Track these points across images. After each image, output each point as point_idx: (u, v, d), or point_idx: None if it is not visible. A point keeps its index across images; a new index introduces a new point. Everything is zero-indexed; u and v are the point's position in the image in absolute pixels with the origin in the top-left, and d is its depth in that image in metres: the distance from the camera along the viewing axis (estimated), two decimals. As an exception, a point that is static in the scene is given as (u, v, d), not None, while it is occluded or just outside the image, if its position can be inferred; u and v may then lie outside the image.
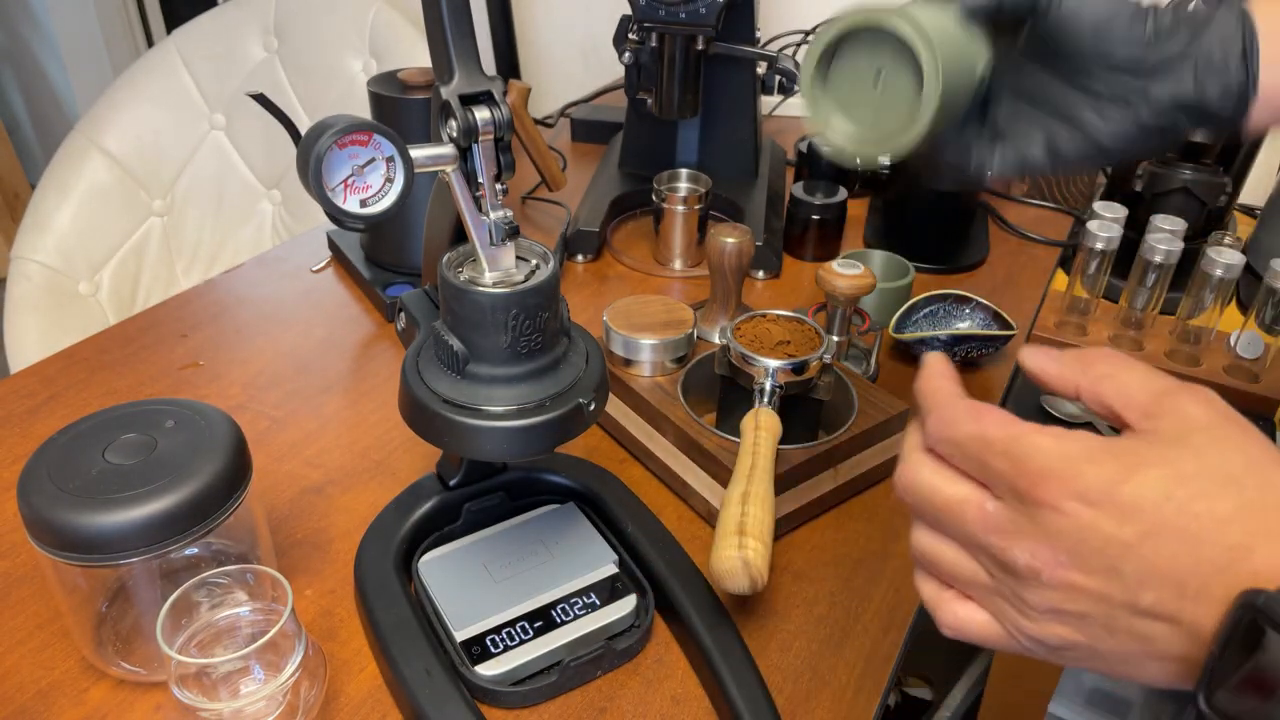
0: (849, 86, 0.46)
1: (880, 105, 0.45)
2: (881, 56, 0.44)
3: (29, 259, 1.16)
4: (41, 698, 0.46)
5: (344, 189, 0.35)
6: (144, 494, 0.41)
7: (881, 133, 0.45)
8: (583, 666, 0.46)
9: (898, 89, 0.44)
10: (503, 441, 0.40)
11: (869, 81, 0.45)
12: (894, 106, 0.44)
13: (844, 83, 0.46)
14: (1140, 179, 0.82)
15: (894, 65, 0.43)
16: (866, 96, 0.45)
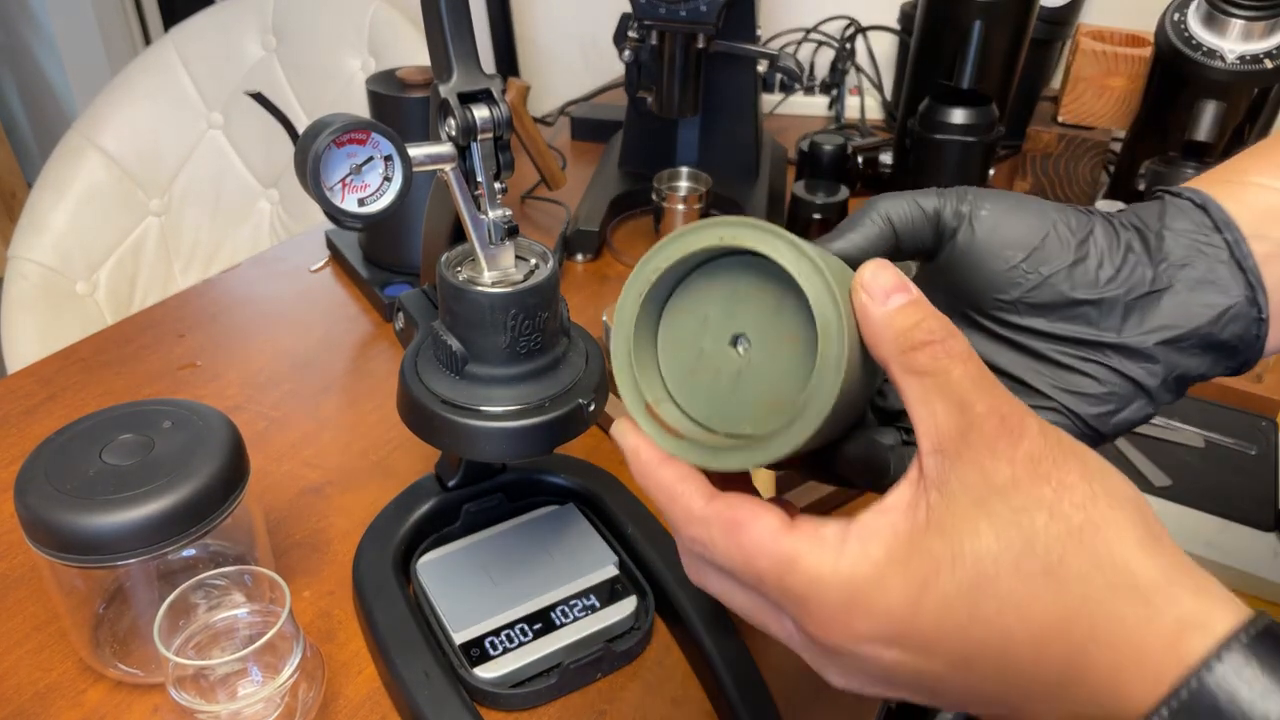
0: (687, 352, 0.29)
1: (739, 387, 0.28)
2: (745, 305, 0.28)
3: (26, 258, 1.16)
4: (39, 699, 0.45)
5: (342, 188, 0.35)
6: (141, 495, 0.41)
7: (741, 431, 0.28)
8: (582, 669, 0.46)
9: (772, 360, 0.28)
10: (502, 442, 0.40)
11: (721, 348, 0.29)
12: (764, 389, 0.28)
13: (680, 346, 0.29)
14: (1143, 178, 0.82)
15: (767, 320, 0.28)
16: (715, 372, 0.29)
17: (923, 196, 0.32)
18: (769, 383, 0.28)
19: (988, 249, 0.31)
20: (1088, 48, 0.98)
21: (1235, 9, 0.76)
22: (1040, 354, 0.31)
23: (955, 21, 0.81)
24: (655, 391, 0.30)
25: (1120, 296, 0.30)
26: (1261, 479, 0.57)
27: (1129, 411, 0.31)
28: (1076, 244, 0.30)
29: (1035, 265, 0.30)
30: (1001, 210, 0.31)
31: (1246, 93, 0.80)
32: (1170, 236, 0.30)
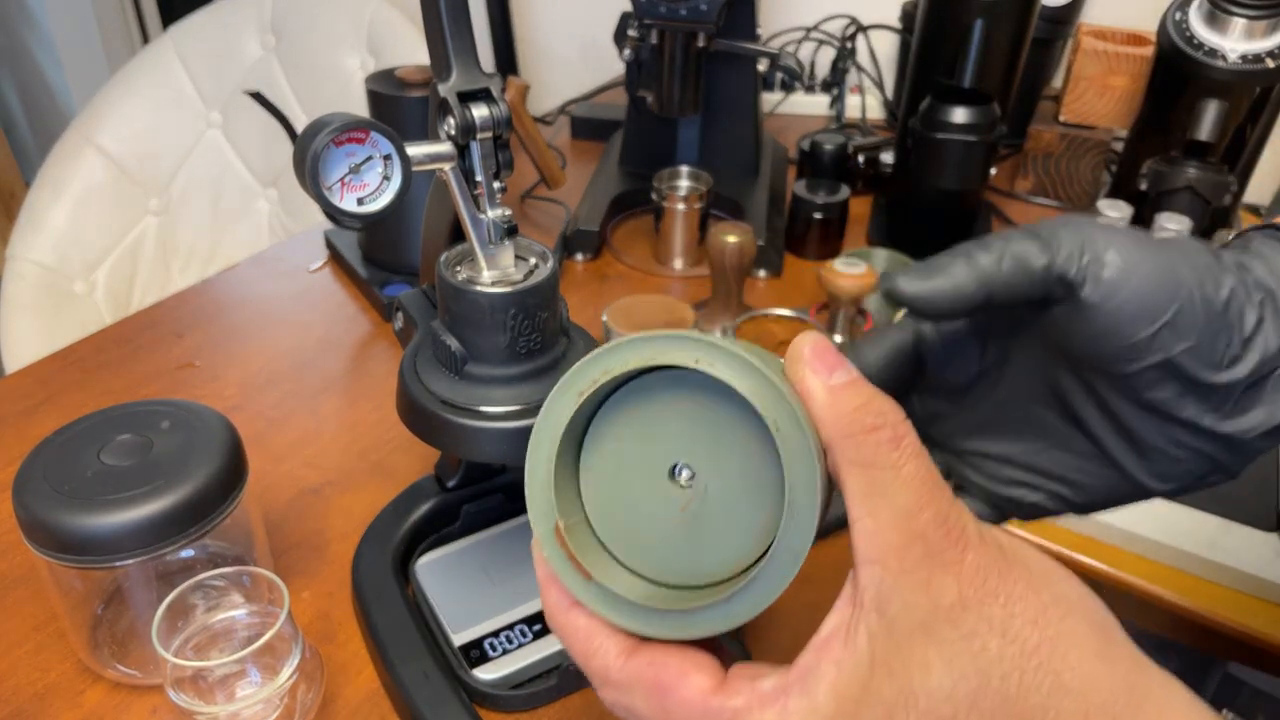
0: (617, 486, 0.25)
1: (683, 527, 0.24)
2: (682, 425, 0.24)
3: (24, 258, 1.16)
4: (38, 700, 0.45)
5: (341, 187, 0.35)
6: (140, 495, 0.41)
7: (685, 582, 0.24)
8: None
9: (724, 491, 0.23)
10: (501, 443, 0.40)
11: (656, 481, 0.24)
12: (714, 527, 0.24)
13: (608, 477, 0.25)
14: (1145, 177, 0.82)
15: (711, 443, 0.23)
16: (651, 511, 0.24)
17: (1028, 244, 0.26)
18: (718, 522, 0.23)
19: (1109, 320, 0.25)
20: (1089, 47, 0.98)
21: (1237, 8, 0.76)
22: (1128, 427, 0.27)
23: (956, 20, 0.81)
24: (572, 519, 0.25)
25: (1242, 381, 0.25)
26: (1264, 479, 0.57)
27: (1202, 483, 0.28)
28: (1211, 314, 0.25)
29: (1164, 343, 0.25)
30: (1130, 268, 0.25)
31: (1248, 92, 0.80)
32: None
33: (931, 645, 0.21)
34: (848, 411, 0.22)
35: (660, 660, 0.23)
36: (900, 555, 0.21)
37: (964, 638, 0.21)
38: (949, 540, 0.21)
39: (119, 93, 1.26)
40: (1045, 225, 0.26)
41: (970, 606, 0.21)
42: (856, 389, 0.22)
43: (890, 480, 0.21)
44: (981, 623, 0.21)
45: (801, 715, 0.22)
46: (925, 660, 0.21)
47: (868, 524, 0.22)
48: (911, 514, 0.21)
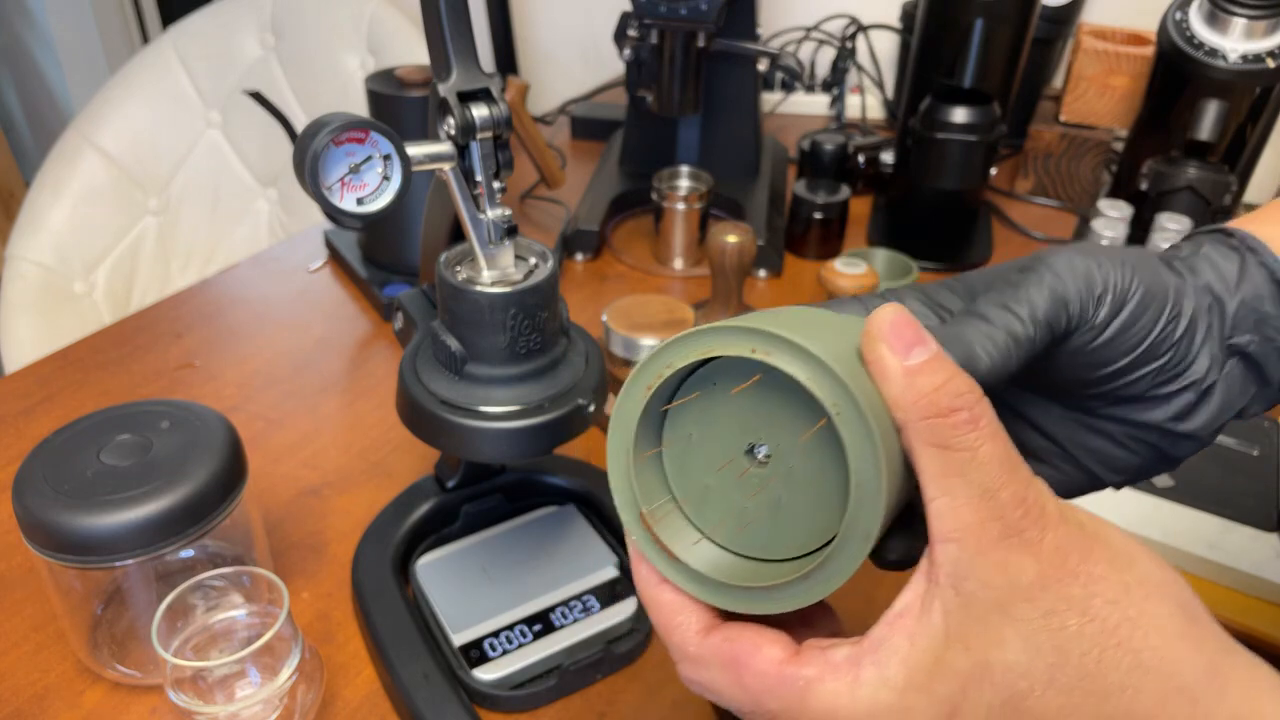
0: (697, 461, 0.26)
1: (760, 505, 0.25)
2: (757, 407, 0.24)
3: (24, 258, 1.16)
4: (37, 700, 0.45)
5: (340, 187, 0.35)
6: (139, 495, 0.41)
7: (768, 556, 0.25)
8: (582, 670, 0.45)
9: (796, 471, 0.24)
10: (501, 443, 0.40)
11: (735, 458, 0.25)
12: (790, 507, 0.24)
13: (688, 454, 0.26)
14: (1145, 177, 0.81)
15: (783, 423, 0.24)
16: (730, 487, 0.25)
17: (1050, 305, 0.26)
18: (795, 500, 0.24)
19: (1099, 355, 0.27)
20: (1089, 46, 0.98)
21: (1237, 8, 0.76)
22: (1094, 428, 0.29)
23: (957, 20, 0.81)
24: (656, 504, 0.26)
25: (1199, 384, 0.28)
26: (1264, 480, 0.57)
27: (1149, 474, 0.30)
28: (1176, 341, 0.27)
29: (1139, 364, 0.27)
30: (1132, 305, 0.27)
31: (1248, 92, 0.80)
32: (1241, 306, 0.28)
33: (1008, 623, 0.21)
34: (924, 393, 0.21)
35: (735, 635, 0.24)
36: (977, 534, 0.21)
37: (1042, 616, 0.21)
38: (1028, 519, 0.21)
39: (119, 93, 1.26)
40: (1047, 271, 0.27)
41: (1049, 585, 0.21)
42: (934, 368, 0.22)
43: (967, 461, 0.21)
44: (1060, 601, 0.21)
45: (873, 686, 0.22)
46: (1001, 636, 0.21)
47: (943, 503, 0.21)
48: (989, 493, 0.21)
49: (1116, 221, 0.78)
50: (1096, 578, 0.21)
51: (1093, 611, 0.21)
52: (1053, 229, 0.96)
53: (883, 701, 0.22)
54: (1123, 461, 0.30)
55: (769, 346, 0.23)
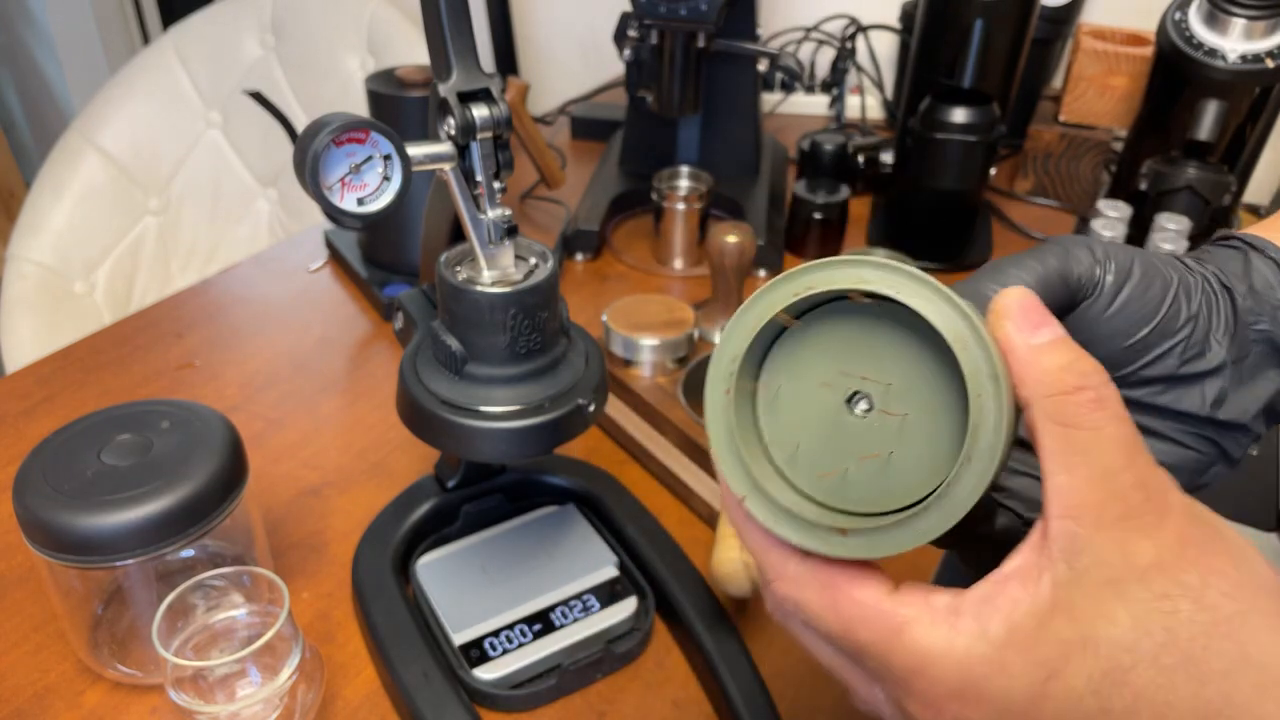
0: (795, 411, 0.25)
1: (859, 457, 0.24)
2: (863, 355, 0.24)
3: (24, 258, 1.16)
4: (37, 700, 0.45)
5: (341, 187, 0.35)
6: (139, 495, 0.41)
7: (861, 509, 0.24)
8: (582, 670, 0.45)
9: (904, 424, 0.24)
10: (501, 443, 0.40)
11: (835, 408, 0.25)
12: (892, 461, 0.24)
13: (786, 403, 0.25)
14: (1145, 177, 0.82)
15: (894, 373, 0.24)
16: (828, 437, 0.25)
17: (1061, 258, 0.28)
18: (893, 454, 0.23)
19: (1115, 324, 0.28)
20: (1089, 47, 0.98)
21: (1236, 8, 0.76)
22: (1146, 429, 0.29)
23: (956, 20, 0.81)
24: (754, 455, 0.25)
25: (1221, 366, 0.28)
26: (1263, 479, 0.57)
27: (1207, 477, 0.30)
28: (1190, 316, 0.28)
29: (1156, 341, 0.28)
30: (1137, 278, 0.28)
31: (1248, 92, 0.80)
32: (1251, 294, 0.29)
33: (1120, 600, 0.21)
34: (1051, 370, 0.22)
35: (835, 562, 0.24)
36: (1097, 513, 0.21)
37: (1156, 598, 0.21)
38: (1149, 505, 0.21)
39: (119, 93, 1.26)
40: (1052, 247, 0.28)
41: (1166, 570, 0.21)
42: (1061, 348, 0.22)
43: (1091, 441, 0.21)
44: (1175, 586, 0.21)
45: (970, 637, 0.21)
46: (1111, 612, 0.21)
47: (1063, 480, 0.21)
48: (1111, 474, 0.21)
49: (1116, 221, 0.78)
50: (1215, 570, 0.21)
51: (1207, 601, 0.21)
52: (1052, 229, 0.96)
53: (977, 653, 0.21)
54: (1181, 460, 0.29)
55: (912, 290, 0.22)
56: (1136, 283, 0.27)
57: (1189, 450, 0.30)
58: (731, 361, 0.25)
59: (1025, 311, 0.22)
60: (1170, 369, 0.28)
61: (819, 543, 0.24)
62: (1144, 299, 0.27)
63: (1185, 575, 0.21)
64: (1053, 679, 0.21)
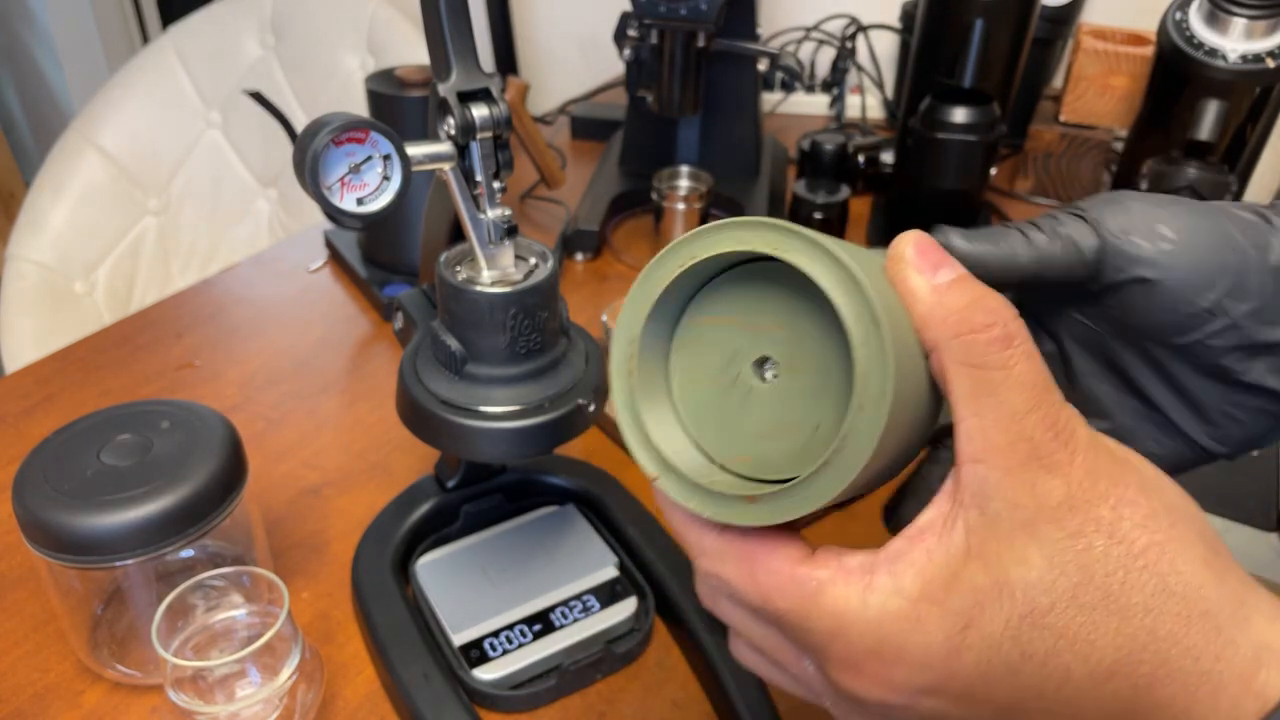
0: (702, 377, 0.25)
1: (765, 420, 0.24)
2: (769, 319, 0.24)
3: (24, 258, 1.16)
4: (37, 700, 0.45)
5: (340, 187, 0.35)
6: (139, 495, 0.41)
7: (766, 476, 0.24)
8: (582, 670, 0.45)
9: (805, 389, 0.23)
10: (501, 443, 0.40)
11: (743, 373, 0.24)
12: (794, 424, 0.24)
13: (694, 369, 0.25)
14: (1145, 177, 0.81)
15: (796, 338, 0.23)
16: (736, 402, 0.25)
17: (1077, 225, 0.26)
18: (800, 417, 0.23)
19: (1171, 292, 0.25)
20: (1089, 46, 0.98)
21: (1237, 8, 0.76)
22: (1192, 394, 0.27)
23: (956, 20, 0.81)
24: (662, 420, 0.25)
25: None
26: (1264, 479, 0.57)
27: (1252, 446, 0.29)
28: (1265, 273, 0.25)
29: (1226, 308, 0.25)
30: (1185, 239, 0.25)
31: (1248, 92, 0.80)
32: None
33: (1033, 542, 0.21)
34: (956, 310, 0.21)
35: (751, 533, 0.23)
36: (1005, 455, 0.21)
37: (1069, 536, 0.20)
38: (1058, 442, 0.21)
39: (119, 93, 1.26)
40: (1091, 205, 0.26)
41: (1078, 507, 0.21)
42: (964, 286, 0.21)
43: (1000, 380, 0.21)
44: (1089, 523, 0.21)
45: (885, 593, 0.21)
46: (1025, 555, 0.21)
47: (972, 424, 0.21)
48: (1020, 415, 0.20)
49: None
50: (1126, 501, 0.21)
51: (1120, 534, 0.21)
52: (1053, 229, 0.96)
53: (892, 609, 0.21)
54: (1231, 430, 0.28)
55: (790, 245, 0.22)
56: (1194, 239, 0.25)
57: (1240, 424, 0.28)
58: (630, 344, 0.25)
59: (922, 252, 0.22)
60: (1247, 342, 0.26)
61: (729, 513, 0.23)
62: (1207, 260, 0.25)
63: (1097, 510, 0.21)
64: (969, 628, 0.21)
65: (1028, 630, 0.20)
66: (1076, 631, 0.20)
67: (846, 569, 0.22)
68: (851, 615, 0.21)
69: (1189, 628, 0.20)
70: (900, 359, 0.21)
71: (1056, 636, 0.20)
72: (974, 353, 0.21)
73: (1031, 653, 0.21)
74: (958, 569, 0.21)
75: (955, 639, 0.21)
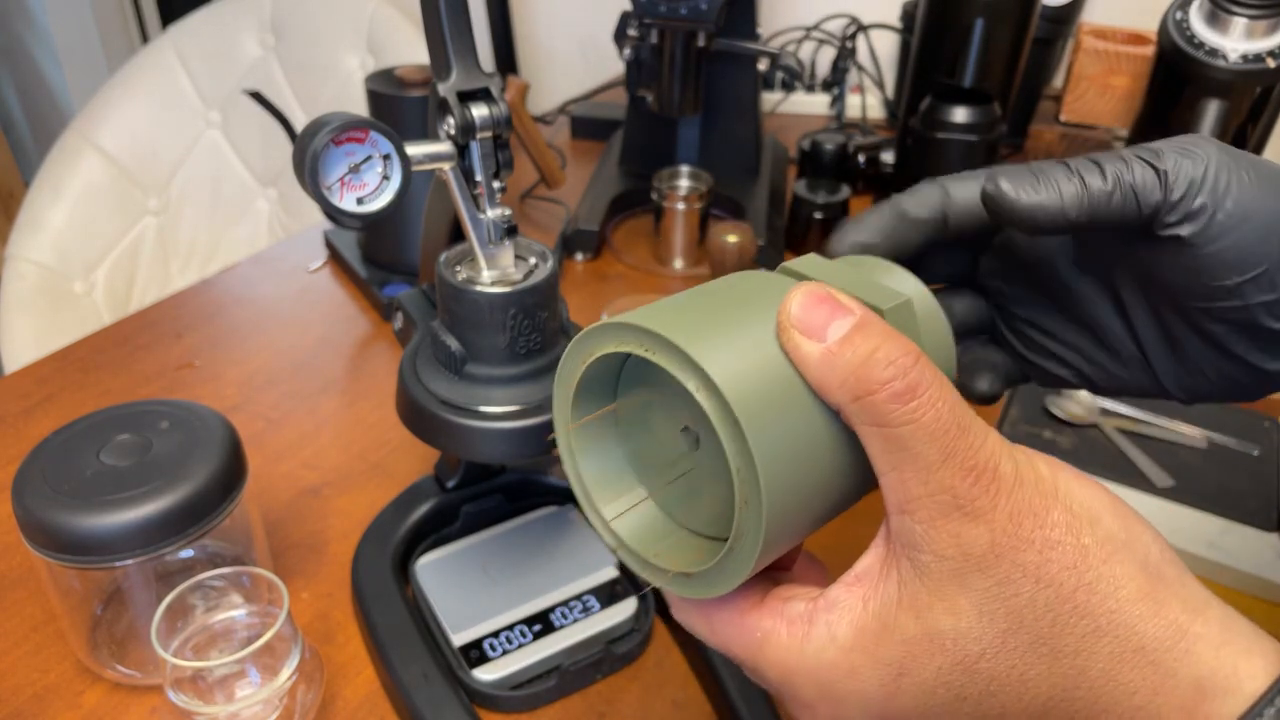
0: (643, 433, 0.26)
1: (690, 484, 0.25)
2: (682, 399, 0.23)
3: (24, 258, 1.16)
4: (37, 700, 0.45)
5: (340, 187, 0.35)
6: (139, 495, 0.41)
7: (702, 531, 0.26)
8: (582, 670, 0.45)
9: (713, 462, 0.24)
10: (501, 443, 0.40)
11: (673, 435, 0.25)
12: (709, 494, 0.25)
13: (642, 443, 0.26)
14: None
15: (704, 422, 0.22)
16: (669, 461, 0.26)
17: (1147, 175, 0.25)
18: (712, 488, 0.24)
19: (1204, 262, 0.25)
20: (1090, 46, 0.98)
21: (1238, 8, 0.76)
22: (1180, 347, 0.28)
23: (957, 20, 0.81)
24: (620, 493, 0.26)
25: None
26: (1264, 479, 0.57)
27: (1208, 400, 0.29)
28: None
29: (1245, 293, 0.25)
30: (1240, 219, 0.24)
31: (1249, 92, 0.80)
32: None
33: (962, 592, 0.21)
34: (850, 370, 0.21)
35: None
36: (928, 507, 0.21)
37: (997, 584, 0.21)
38: (979, 487, 0.21)
39: (118, 93, 1.26)
40: (1168, 151, 0.25)
41: (1003, 554, 0.21)
42: (857, 340, 0.21)
43: (909, 435, 0.20)
44: (1015, 569, 0.21)
45: (820, 644, 0.22)
46: (955, 605, 0.21)
47: (892, 478, 0.21)
48: (934, 466, 0.20)
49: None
50: (1052, 543, 0.21)
51: (1048, 578, 0.20)
52: (1053, 229, 0.96)
53: (827, 659, 0.22)
54: (1200, 385, 0.29)
55: (656, 347, 0.22)
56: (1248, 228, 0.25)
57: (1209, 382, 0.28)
58: (565, 435, 0.26)
59: (808, 312, 0.21)
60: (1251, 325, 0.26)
61: (670, 586, 0.24)
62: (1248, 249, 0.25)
63: (1023, 555, 0.21)
64: (902, 676, 0.21)
65: (959, 676, 0.21)
66: (1007, 674, 0.21)
67: (788, 619, 0.23)
68: (793, 664, 0.23)
69: (1122, 665, 0.20)
70: (781, 444, 0.21)
71: (988, 680, 0.21)
72: (876, 413, 0.21)
73: (966, 695, 0.21)
74: (889, 619, 0.22)
75: (889, 685, 0.22)
